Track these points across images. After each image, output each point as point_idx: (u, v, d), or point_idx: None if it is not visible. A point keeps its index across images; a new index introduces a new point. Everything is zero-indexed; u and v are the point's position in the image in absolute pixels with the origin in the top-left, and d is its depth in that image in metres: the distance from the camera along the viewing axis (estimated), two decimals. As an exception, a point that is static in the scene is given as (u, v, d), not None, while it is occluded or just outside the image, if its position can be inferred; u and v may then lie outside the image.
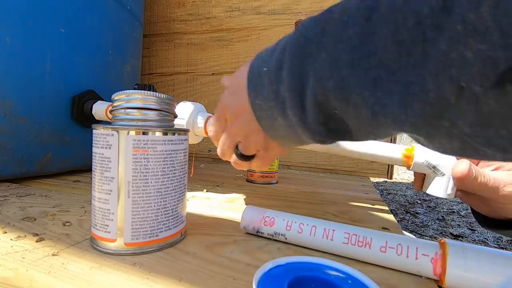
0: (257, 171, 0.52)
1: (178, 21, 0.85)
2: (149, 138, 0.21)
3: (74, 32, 0.48)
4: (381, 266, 0.21)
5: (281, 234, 0.24)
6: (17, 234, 0.24)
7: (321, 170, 0.75)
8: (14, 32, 0.40)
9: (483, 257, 0.19)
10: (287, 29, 0.75)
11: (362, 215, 0.35)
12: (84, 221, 0.28)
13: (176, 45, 0.86)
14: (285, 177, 0.61)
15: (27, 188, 0.40)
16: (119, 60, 0.59)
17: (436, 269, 0.19)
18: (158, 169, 0.22)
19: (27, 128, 0.43)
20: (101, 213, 0.21)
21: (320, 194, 0.46)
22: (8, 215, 0.28)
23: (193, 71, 0.85)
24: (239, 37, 0.80)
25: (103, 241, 0.21)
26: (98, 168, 0.22)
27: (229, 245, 0.24)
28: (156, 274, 0.19)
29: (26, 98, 0.42)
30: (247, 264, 0.21)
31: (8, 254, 0.20)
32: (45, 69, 0.44)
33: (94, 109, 0.48)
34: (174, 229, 0.23)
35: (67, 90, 0.48)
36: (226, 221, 0.30)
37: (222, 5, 0.81)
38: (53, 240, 0.23)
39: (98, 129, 0.22)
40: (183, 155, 0.24)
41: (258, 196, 0.42)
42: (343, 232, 0.23)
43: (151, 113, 0.23)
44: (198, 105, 0.41)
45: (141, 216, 0.21)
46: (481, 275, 0.18)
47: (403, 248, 0.20)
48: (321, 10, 0.17)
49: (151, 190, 0.22)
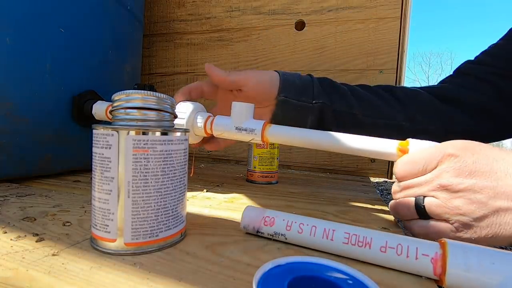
0: (257, 171, 0.52)
1: (178, 21, 0.85)
2: (149, 138, 0.21)
3: (74, 32, 0.48)
4: (381, 266, 0.21)
5: (281, 234, 0.24)
6: (17, 234, 0.24)
7: (321, 170, 0.75)
8: (14, 32, 0.40)
9: (483, 257, 0.18)
10: (287, 29, 0.75)
11: (362, 215, 0.35)
12: (84, 221, 0.28)
13: (176, 45, 0.86)
14: (285, 177, 0.61)
15: (27, 188, 0.40)
16: (119, 60, 0.59)
17: (436, 269, 0.19)
18: (158, 169, 0.22)
19: (27, 128, 0.43)
20: (101, 213, 0.21)
21: (320, 194, 0.46)
22: (8, 215, 0.28)
23: (193, 71, 0.85)
24: (239, 37, 0.80)
25: (103, 241, 0.21)
26: (98, 168, 0.22)
27: (229, 245, 0.24)
28: (156, 274, 0.19)
29: (26, 98, 0.42)
30: (247, 264, 0.21)
31: (8, 254, 0.20)
32: (45, 69, 0.44)
33: (94, 109, 0.48)
34: (174, 229, 0.23)
35: (67, 90, 0.48)
36: (226, 221, 0.30)
37: (222, 5, 0.81)
38: (53, 240, 0.23)
39: (98, 129, 0.22)
40: (183, 155, 0.24)
41: (258, 196, 0.42)
42: (343, 232, 0.23)
43: (151, 113, 0.23)
44: (197, 105, 0.41)
45: (141, 216, 0.21)
46: (481, 275, 0.18)
47: (403, 248, 0.20)
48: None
49: (151, 190, 0.22)
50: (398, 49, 0.68)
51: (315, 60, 0.74)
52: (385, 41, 0.69)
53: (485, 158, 0.25)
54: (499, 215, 0.24)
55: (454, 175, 0.25)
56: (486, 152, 0.26)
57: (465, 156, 0.26)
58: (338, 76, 0.72)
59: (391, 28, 0.68)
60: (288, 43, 0.76)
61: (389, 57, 0.69)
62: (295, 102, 0.41)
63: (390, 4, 0.68)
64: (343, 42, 0.72)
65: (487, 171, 0.25)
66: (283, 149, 0.76)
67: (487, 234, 0.24)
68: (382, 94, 0.46)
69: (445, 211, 0.26)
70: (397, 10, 0.68)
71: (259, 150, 0.52)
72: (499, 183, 0.24)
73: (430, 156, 0.28)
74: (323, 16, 0.72)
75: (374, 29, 0.70)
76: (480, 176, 0.25)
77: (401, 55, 0.68)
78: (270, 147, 0.52)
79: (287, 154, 0.77)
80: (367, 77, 0.71)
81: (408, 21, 0.68)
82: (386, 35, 0.69)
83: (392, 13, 0.68)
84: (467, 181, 0.25)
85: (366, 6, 0.70)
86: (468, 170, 0.25)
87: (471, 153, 0.26)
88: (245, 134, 0.37)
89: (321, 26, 0.73)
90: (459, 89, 0.46)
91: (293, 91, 0.42)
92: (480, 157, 0.25)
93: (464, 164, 0.25)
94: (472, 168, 0.25)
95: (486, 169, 0.25)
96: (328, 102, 0.42)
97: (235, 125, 0.37)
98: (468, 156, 0.26)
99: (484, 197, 0.24)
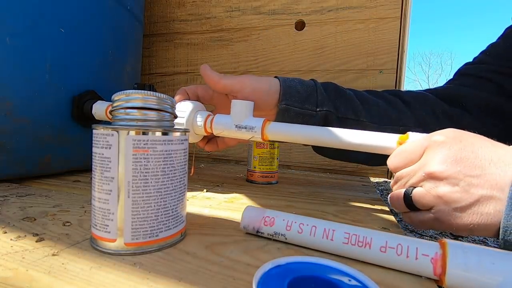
0: (257, 171, 0.52)
1: (178, 21, 0.85)
2: (149, 138, 0.21)
3: (74, 32, 0.48)
4: (381, 266, 0.21)
5: (281, 234, 0.24)
6: (17, 234, 0.24)
7: (321, 170, 0.75)
8: (14, 32, 0.40)
9: (483, 257, 0.18)
10: (287, 29, 0.76)
11: (362, 215, 0.35)
12: (84, 221, 0.28)
13: (176, 45, 0.86)
14: (285, 177, 0.61)
15: (27, 188, 0.40)
16: (119, 60, 0.59)
17: (436, 269, 0.19)
18: (158, 169, 0.22)
19: (27, 128, 0.43)
20: (101, 213, 0.21)
21: (320, 194, 0.46)
22: (8, 215, 0.28)
23: (193, 71, 0.85)
24: (239, 37, 0.80)
25: (103, 241, 0.21)
26: (98, 168, 0.22)
27: (229, 245, 0.24)
28: (156, 274, 0.19)
29: (26, 98, 0.42)
30: (247, 264, 0.21)
31: (8, 254, 0.20)
32: (45, 69, 0.44)
33: (94, 109, 0.48)
34: (174, 229, 0.23)
35: (67, 90, 0.48)
36: (226, 221, 0.30)
37: (222, 5, 0.81)
38: (53, 240, 0.23)
39: (98, 129, 0.22)
40: (183, 155, 0.24)
41: (258, 196, 0.42)
42: (343, 232, 0.23)
43: (151, 113, 0.23)
44: (197, 104, 0.41)
45: (141, 216, 0.21)
46: (481, 275, 0.18)
47: (403, 248, 0.20)
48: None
49: (151, 190, 0.22)
50: (398, 49, 0.68)
51: (315, 60, 0.74)
52: (385, 41, 0.69)
53: (470, 146, 0.25)
54: (481, 204, 0.24)
55: (440, 162, 0.25)
56: (472, 140, 0.26)
57: (452, 143, 0.26)
58: (338, 76, 0.72)
59: (391, 28, 0.68)
60: (288, 43, 0.76)
61: (389, 57, 0.69)
62: (297, 110, 0.39)
63: (390, 4, 0.68)
64: (343, 42, 0.72)
65: (472, 158, 0.25)
66: (283, 149, 0.76)
67: (469, 224, 0.24)
68: (389, 99, 0.45)
69: (428, 201, 0.26)
70: (397, 10, 0.68)
71: (259, 150, 0.52)
72: (483, 171, 0.24)
73: (418, 145, 0.28)
74: (323, 16, 0.72)
75: (374, 29, 0.70)
76: (464, 163, 0.25)
77: (401, 55, 0.68)
78: (270, 147, 0.52)
79: (287, 154, 0.77)
80: (367, 77, 0.71)
81: (408, 21, 0.68)
82: (386, 35, 0.69)
83: (392, 13, 0.68)
84: (451, 168, 0.25)
85: (366, 6, 0.70)
86: (453, 157, 0.25)
87: (458, 141, 0.26)
88: (245, 132, 0.37)
89: (321, 26, 0.73)
90: (460, 89, 0.46)
91: (296, 98, 0.40)
92: (466, 145, 0.26)
93: (450, 151, 0.26)
94: (458, 155, 0.25)
95: (471, 156, 0.25)
96: (333, 109, 0.41)
97: (235, 123, 0.37)
98: (455, 143, 0.26)
99: (467, 185, 0.24)
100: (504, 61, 0.45)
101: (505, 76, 0.44)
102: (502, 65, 0.44)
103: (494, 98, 0.44)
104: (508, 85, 0.44)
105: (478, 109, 0.45)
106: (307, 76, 0.74)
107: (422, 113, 0.44)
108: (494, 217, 0.23)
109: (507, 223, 0.22)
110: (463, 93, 0.45)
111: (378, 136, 0.33)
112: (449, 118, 0.44)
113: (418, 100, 0.45)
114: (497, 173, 0.24)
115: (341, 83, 0.73)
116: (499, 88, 0.44)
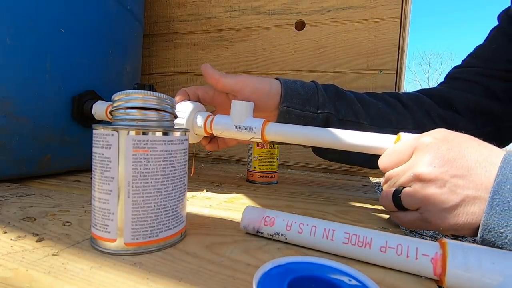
0: (257, 171, 0.52)
1: (178, 21, 0.85)
2: (149, 138, 0.21)
3: (74, 32, 0.48)
4: (381, 266, 0.21)
5: (281, 234, 0.24)
6: (17, 234, 0.24)
7: (321, 170, 0.75)
8: (14, 32, 0.40)
9: (483, 257, 0.18)
10: (287, 29, 0.76)
11: (362, 215, 0.35)
12: (84, 221, 0.28)
13: (176, 45, 0.86)
14: (285, 177, 0.61)
15: (27, 188, 0.40)
16: (119, 60, 0.59)
17: (436, 269, 0.19)
18: (158, 169, 0.22)
19: (27, 128, 0.43)
20: (101, 213, 0.21)
21: (320, 194, 0.46)
22: (8, 215, 0.28)
23: (193, 71, 0.85)
24: (239, 37, 0.80)
25: (103, 241, 0.21)
26: (98, 168, 0.22)
27: (229, 245, 0.24)
28: (156, 274, 0.19)
29: (26, 98, 0.42)
30: (247, 264, 0.21)
31: (8, 254, 0.20)
32: (45, 69, 0.44)
33: (94, 109, 0.48)
34: (174, 229, 0.23)
35: (67, 90, 0.48)
36: (226, 221, 0.30)
37: (222, 5, 0.81)
38: (53, 240, 0.23)
39: (98, 129, 0.22)
40: (183, 155, 0.24)
41: (258, 196, 0.42)
42: (343, 232, 0.23)
43: (151, 113, 0.23)
44: (197, 104, 0.41)
45: (141, 216, 0.21)
46: (481, 275, 0.18)
47: (403, 248, 0.20)
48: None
49: (151, 190, 0.22)
50: (398, 49, 0.68)
51: (315, 60, 0.74)
52: (385, 41, 0.69)
53: (457, 146, 0.26)
54: (466, 204, 0.24)
55: (427, 163, 0.26)
56: (459, 139, 0.26)
57: (439, 144, 0.26)
58: (338, 76, 0.72)
59: (391, 28, 0.68)
60: (288, 43, 0.76)
61: (389, 57, 0.69)
62: (298, 112, 0.39)
63: (390, 4, 0.68)
64: (343, 42, 0.72)
65: (459, 158, 0.25)
66: (283, 149, 0.76)
67: (455, 224, 0.25)
68: (389, 101, 0.45)
69: (416, 201, 0.26)
70: (397, 10, 0.68)
71: (259, 150, 0.52)
72: (469, 171, 0.24)
73: (407, 145, 0.29)
74: (323, 16, 0.72)
75: (374, 29, 0.70)
76: (451, 164, 0.25)
77: (401, 55, 0.68)
78: (270, 147, 0.52)
79: (287, 154, 0.77)
80: (367, 77, 0.71)
81: (408, 21, 0.68)
82: (386, 35, 0.69)
83: (392, 13, 0.68)
84: (438, 169, 0.25)
85: (366, 6, 0.70)
86: (440, 158, 0.25)
87: (446, 141, 0.26)
88: (245, 132, 0.37)
89: (321, 26, 0.73)
90: (450, 92, 0.46)
91: (297, 100, 0.39)
92: (454, 145, 0.26)
93: (438, 153, 0.26)
94: (445, 156, 0.25)
95: (458, 156, 0.25)
96: (334, 111, 0.41)
97: (235, 124, 0.37)
98: (442, 144, 0.26)
99: (453, 185, 0.24)
100: (490, 63, 0.45)
101: (492, 78, 0.44)
102: (489, 68, 0.45)
103: (482, 101, 0.45)
104: (495, 87, 0.44)
105: (468, 112, 0.45)
106: (307, 76, 0.74)
107: (420, 115, 0.44)
108: (479, 216, 0.24)
109: (487, 222, 0.23)
110: (453, 96, 0.46)
111: (376, 137, 0.33)
112: (443, 120, 0.45)
113: (415, 102, 0.46)
114: (482, 173, 0.24)
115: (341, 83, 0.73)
116: (486, 90, 0.45)
